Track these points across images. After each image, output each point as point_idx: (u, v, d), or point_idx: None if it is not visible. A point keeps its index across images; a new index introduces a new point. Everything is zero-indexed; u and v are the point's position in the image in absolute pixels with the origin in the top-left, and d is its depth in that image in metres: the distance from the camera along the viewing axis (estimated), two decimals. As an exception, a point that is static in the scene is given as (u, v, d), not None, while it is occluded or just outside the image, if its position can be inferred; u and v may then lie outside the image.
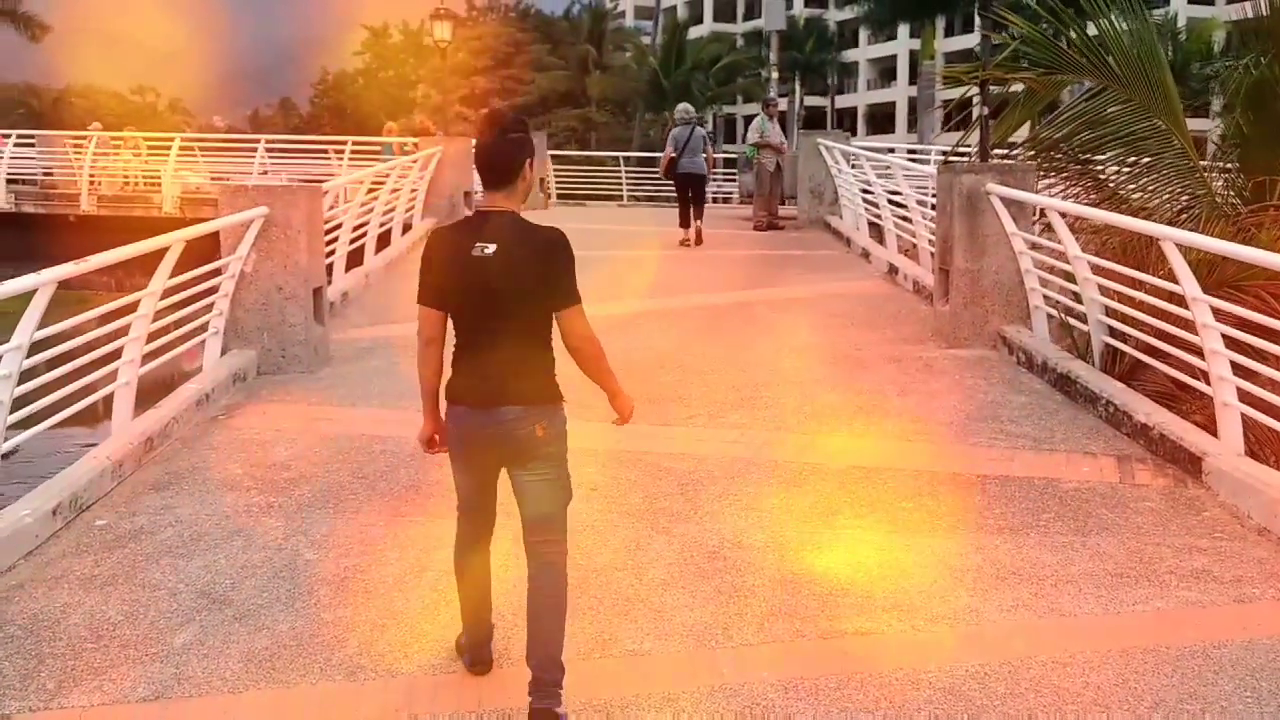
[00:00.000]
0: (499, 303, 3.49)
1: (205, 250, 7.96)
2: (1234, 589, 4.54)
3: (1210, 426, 5.96)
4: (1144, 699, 3.73)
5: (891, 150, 21.27)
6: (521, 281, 3.46)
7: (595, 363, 3.59)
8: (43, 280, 5.28)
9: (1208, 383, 5.95)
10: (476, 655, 3.88)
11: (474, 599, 3.85)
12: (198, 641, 4.13)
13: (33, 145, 23.56)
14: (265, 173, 21.06)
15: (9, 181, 21.77)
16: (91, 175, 21.65)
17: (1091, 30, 9.19)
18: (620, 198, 24.93)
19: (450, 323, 3.62)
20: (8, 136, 22.79)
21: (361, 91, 66.51)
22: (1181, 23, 46.56)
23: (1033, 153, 9.44)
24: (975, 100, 12.41)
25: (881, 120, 77.80)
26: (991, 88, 9.94)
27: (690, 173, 15.14)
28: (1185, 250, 6.41)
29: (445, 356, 3.69)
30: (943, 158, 13.16)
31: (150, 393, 7.07)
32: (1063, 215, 7.74)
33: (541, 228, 3.58)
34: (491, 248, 3.45)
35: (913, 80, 63.96)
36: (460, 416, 3.62)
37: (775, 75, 26.64)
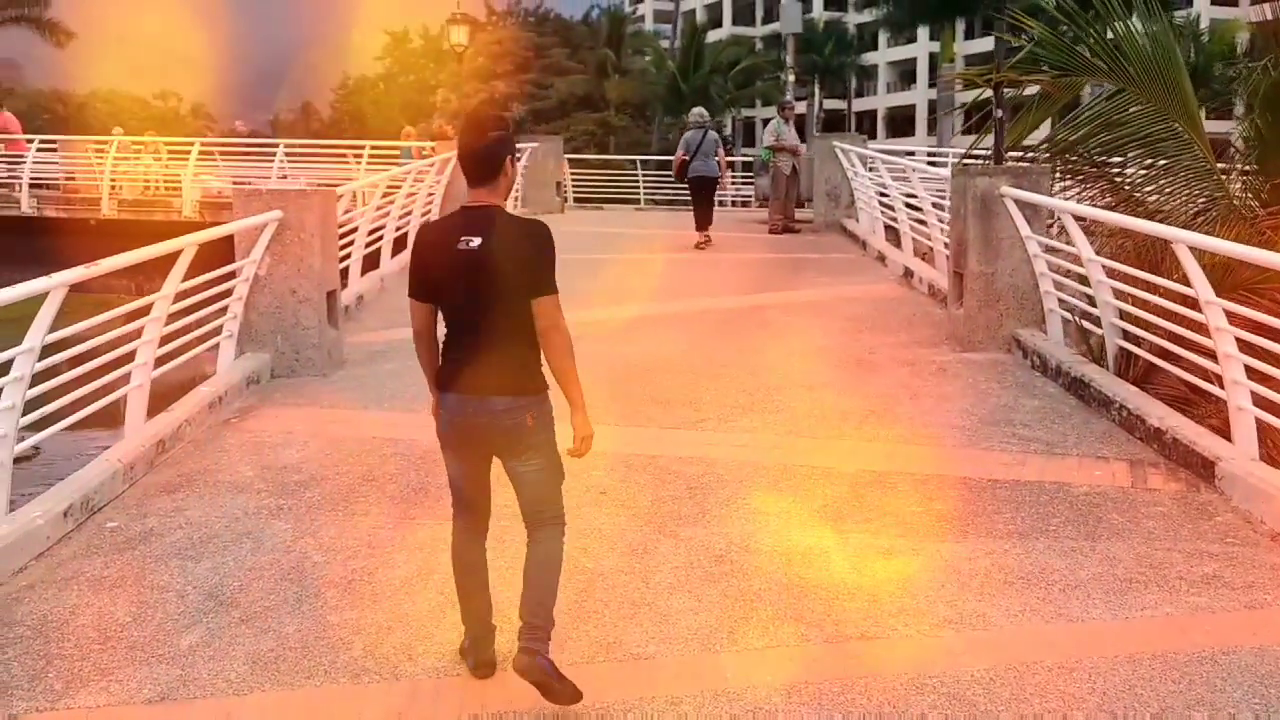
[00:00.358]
0: (484, 294, 3.59)
1: (223, 253, 8.01)
2: (1245, 595, 4.50)
3: (1225, 431, 5.90)
4: (1151, 705, 3.70)
5: (911, 153, 21.17)
6: (505, 273, 3.57)
7: (563, 356, 3.64)
8: (53, 284, 5.32)
9: (1222, 387, 5.90)
10: (479, 657, 3.89)
11: (473, 597, 3.88)
12: (204, 643, 4.15)
13: (55, 150, 23.75)
14: (284, 177, 21.15)
15: (32, 186, 21.95)
16: (113, 180, 21.81)
17: (1108, 33, 9.13)
18: (637, 201, 24.93)
19: (440, 314, 3.75)
20: (30, 142, 22.96)
21: (382, 96, 66.77)
22: (1204, 24, 46.29)
23: (1048, 155, 9.37)
24: (1003, 102, 12.38)
25: (901, 123, 77.59)
26: (1006, 90, 9.87)
27: (702, 175, 15.19)
28: (1201, 253, 6.36)
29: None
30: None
31: (170, 395, 7.11)
32: (1076, 218, 7.70)
33: (525, 220, 3.73)
34: (476, 241, 3.57)
35: (933, 83, 63.80)
36: (451, 404, 3.72)
37: (792, 78, 26.57)
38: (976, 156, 10.73)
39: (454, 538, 3.91)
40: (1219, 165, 9.19)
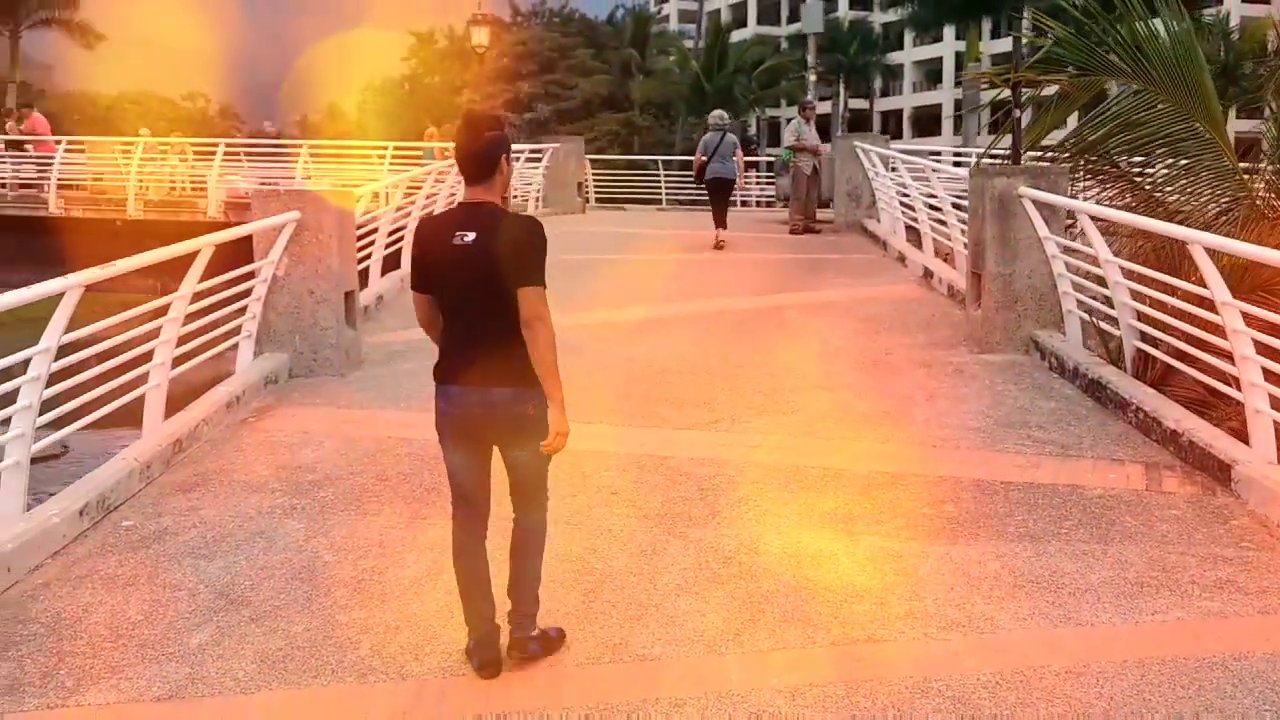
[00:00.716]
0: (478, 287, 3.72)
1: (245, 254, 8.06)
2: (1259, 600, 4.45)
3: (1244, 434, 5.84)
4: (1159, 711, 3.67)
5: (937, 153, 21.07)
6: (498, 266, 3.68)
7: (544, 348, 3.72)
8: (69, 284, 5.38)
9: (1239, 389, 5.84)
10: (484, 657, 3.91)
11: (476, 597, 3.92)
12: (214, 642, 4.19)
13: (83, 151, 23.99)
14: (309, 177, 21.28)
15: (60, 186, 22.19)
16: (140, 181, 22.01)
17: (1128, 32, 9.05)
18: (659, 202, 24.93)
19: (439, 308, 3.89)
20: (58, 143, 23.20)
21: (407, 97, 67.01)
22: (1235, 21, 45.84)
23: (1067, 155, 9.31)
24: (1021, 102, 12.26)
25: (927, 123, 77.15)
26: (1026, 90, 9.80)
27: (719, 177, 15.21)
28: (1220, 254, 6.30)
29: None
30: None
31: (192, 395, 7.17)
32: (1094, 219, 7.64)
33: (518, 216, 3.87)
34: (471, 235, 3.71)
35: (959, 82, 63.41)
36: (451, 396, 3.82)
37: (813, 78, 26.49)
38: (996, 157, 10.64)
39: (454, 537, 3.96)
40: (1247, 165, 9.10)
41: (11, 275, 14.82)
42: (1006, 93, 9.87)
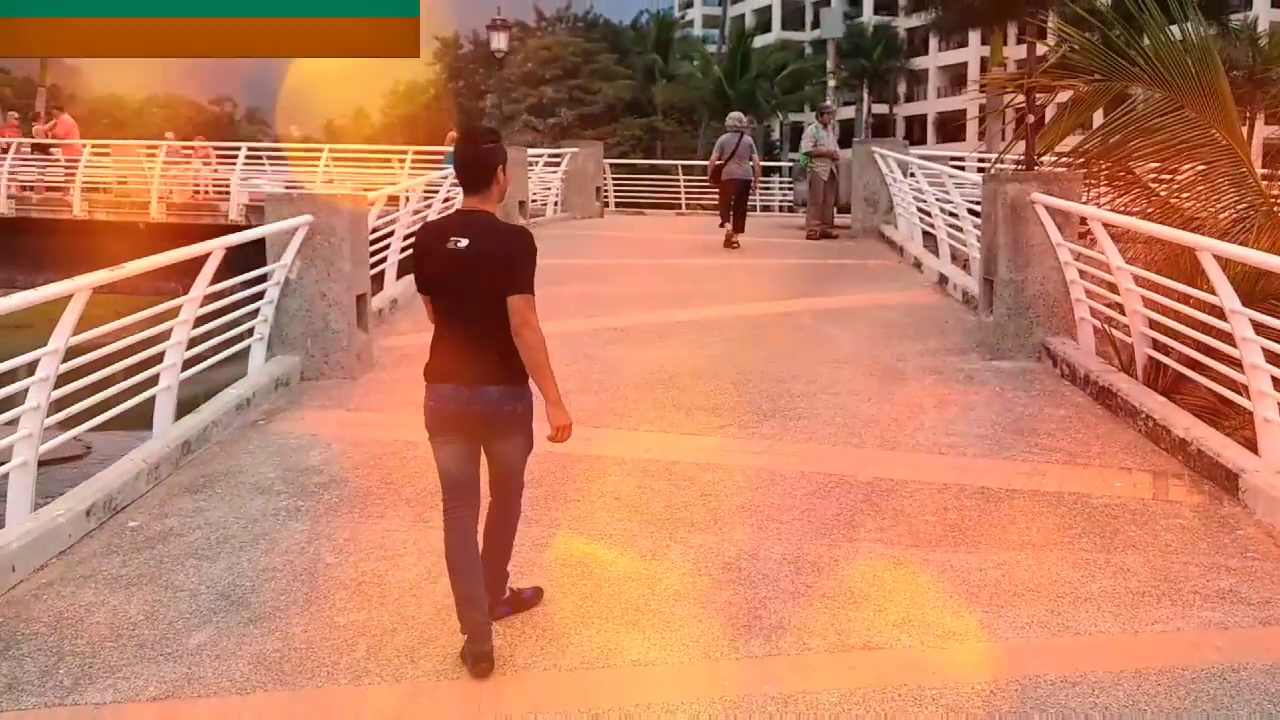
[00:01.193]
0: (468, 291, 3.89)
1: (260, 257, 8.11)
2: (1261, 611, 4.41)
3: (1256, 443, 5.78)
4: (1154, 721, 3.65)
5: (960, 159, 20.97)
6: (488, 272, 3.85)
7: (534, 351, 3.90)
8: (78, 286, 5.43)
9: (1249, 398, 5.79)
10: (478, 651, 3.92)
11: (469, 593, 3.96)
12: (212, 642, 4.22)
13: (108, 154, 24.21)
14: (330, 181, 21.41)
15: (85, 190, 22.41)
16: (165, 184, 22.20)
17: (1144, 38, 8.99)
18: (679, 206, 24.93)
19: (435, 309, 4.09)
20: (84, 146, 23.42)
21: (432, 101, 67.32)
22: (1263, 26, 45.39)
23: (1081, 161, 9.25)
24: (1038, 107, 12.19)
25: (951, 128, 76.74)
26: (1039, 96, 9.77)
27: (736, 178, 15.27)
28: (1232, 262, 6.25)
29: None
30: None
31: (208, 395, 7.23)
32: (1106, 225, 7.59)
33: (510, 226, 4.06)
34: (464, 242, 3.88)
35: (983, 87, 63.08)
36: (442, 394, 3.98)
37: (832, 83, 26.42)
38: (1015, 163, 10.59)
39: (447, 531, 4.07)
40: (1265, 172, 9.02)
41: (34, 277, 14.94)
42: (1016, 98, 9.81)
